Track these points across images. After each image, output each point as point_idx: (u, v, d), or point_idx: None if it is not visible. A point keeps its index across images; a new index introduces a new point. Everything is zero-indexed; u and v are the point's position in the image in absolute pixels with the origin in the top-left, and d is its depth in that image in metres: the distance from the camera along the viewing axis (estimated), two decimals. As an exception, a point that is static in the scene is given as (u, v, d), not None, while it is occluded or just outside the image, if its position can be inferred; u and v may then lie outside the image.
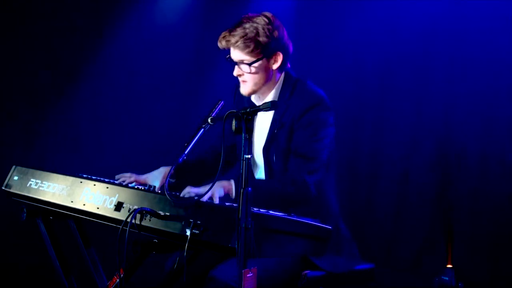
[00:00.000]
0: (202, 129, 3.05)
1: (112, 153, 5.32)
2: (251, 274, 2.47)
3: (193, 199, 2.69)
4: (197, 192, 2.83)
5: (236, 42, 3.09)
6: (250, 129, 2.58)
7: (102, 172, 3.37)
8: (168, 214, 2.67)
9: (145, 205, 2.75)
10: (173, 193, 2.81)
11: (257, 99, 3.28)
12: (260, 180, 3.23)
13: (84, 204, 3.02)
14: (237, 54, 3.13)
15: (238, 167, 2.54)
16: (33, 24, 5.15)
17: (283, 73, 3.23)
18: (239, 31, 3.09)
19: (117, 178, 3.24)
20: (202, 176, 3.36)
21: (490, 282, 4.94)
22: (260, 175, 3.27)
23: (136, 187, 3.01)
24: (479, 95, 5.07)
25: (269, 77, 3.17)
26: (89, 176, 3.17)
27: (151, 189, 2.95)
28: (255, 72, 3.13)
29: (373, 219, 5.52)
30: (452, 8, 5.15)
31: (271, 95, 3.22)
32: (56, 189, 3.17)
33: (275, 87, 3.21)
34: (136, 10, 5.51)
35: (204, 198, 2.73)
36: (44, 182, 3.25)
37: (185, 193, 2.85)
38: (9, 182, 3.44)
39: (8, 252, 4.94)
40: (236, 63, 3.15)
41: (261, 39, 3.08)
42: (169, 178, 2.99)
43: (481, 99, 5.07)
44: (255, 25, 3.08)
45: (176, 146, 3.08)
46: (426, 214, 5.34)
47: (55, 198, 3.16)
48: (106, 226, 2.93)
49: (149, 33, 5.56)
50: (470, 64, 5.09)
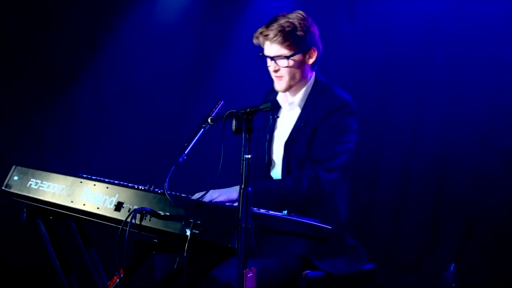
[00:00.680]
0: (202, 129, 3.04)
1: (112, 153, 5.31)
2: (251, 274, 2.46)
3: (193, 199, 2.69)
4: (227, 197, 2.92)
5: (275, 36, 3.13)
6: (250, 129, 2.58)
7: (102, 172, 3.36)
8: (168, 214, 2.67)
9: (145, 205, 2.75)
10: (173, 193, 2.81)
11: (285, 99, 3.30)
12: (273, 181, 3.25)
13: (84, 204, 3.02)
14: (274, 49, 3.17)
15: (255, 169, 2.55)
16: (33, 24, 5.15)
17: (314, 74, 3.28)
18: (276, 25, 3.14)
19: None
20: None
21: (490, 282, 4.94)
22: (277, 172, 3.28)
23: (136, 187, 3.00)
24: (479, 95, 5.07)
25: (304, 73, 3.22)
26: (89, 176, 3.17)
27: (151, 189, 2.95)
28: (292, 66, 3.17)
29: (373, 219, 5.53)
30: (452, 8, 5.16)
31: (301, 93, 3.26)
32: (56, 189, 3.17)
33: (306, 86, 3.26)
34: (136, 10, 5.50)
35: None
36: (44, 182, 3.25)
37: (213, 197, 2.91)
38: (9, 182, 3.43)
39: (8, 252, 4.93)
40: (272, 58, 3.18)
41: (298, 33, 3.14)
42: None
43: (481, 99, 5.07)
44: (291, 20, 3.15)
45: (176, 146, 3.07)
46: (426, 214, 5.34)
47: (55, 198, 3.16)
48: (106, 226, 2.93)
49: (149, 33, 5.55)
50: (470, 64, 5.10)
